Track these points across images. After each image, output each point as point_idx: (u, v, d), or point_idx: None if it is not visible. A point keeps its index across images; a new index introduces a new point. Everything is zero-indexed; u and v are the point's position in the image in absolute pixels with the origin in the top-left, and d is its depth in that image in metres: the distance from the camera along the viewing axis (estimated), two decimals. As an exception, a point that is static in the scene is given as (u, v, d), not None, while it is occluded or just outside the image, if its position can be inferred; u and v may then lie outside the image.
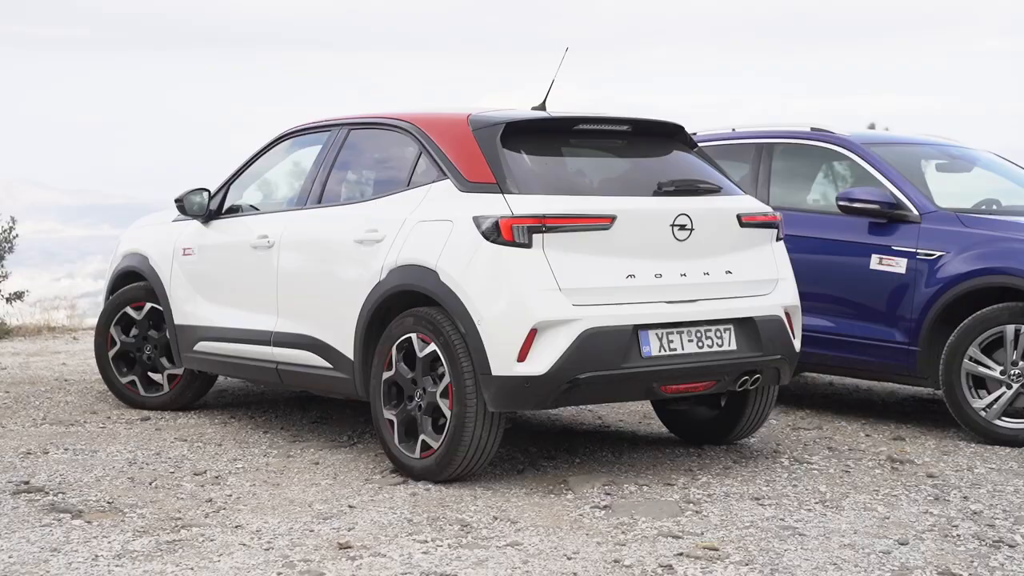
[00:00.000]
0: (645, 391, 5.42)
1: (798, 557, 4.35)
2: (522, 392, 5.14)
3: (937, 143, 7.77)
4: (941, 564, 4.27)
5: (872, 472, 5.70)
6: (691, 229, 5.46)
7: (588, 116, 5.72)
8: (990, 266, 6.35)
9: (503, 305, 5.14)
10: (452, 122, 5.69)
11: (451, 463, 5.31)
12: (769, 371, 5.69)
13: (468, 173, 5.43)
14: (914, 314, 6.61)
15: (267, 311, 6.30)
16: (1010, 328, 6.22)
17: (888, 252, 6.75)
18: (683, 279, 5.44)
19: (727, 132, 7.96)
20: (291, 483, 5.46)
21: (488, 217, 5.20)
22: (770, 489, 5.35)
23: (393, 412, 5.53)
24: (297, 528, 4.71)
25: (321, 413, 7.16)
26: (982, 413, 6.31)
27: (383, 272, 5.57)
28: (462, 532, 4.65)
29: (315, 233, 6.08)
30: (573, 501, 5.12)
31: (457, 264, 5.26)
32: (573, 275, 5.18)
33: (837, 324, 6.97)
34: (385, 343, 5.56)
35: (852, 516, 4.91)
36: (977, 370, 6.33)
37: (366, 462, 5.86)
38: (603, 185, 5.65)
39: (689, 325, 5.43)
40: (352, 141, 6.26)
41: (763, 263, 5.75)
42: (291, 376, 6.21)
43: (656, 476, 5.56)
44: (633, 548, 4.45)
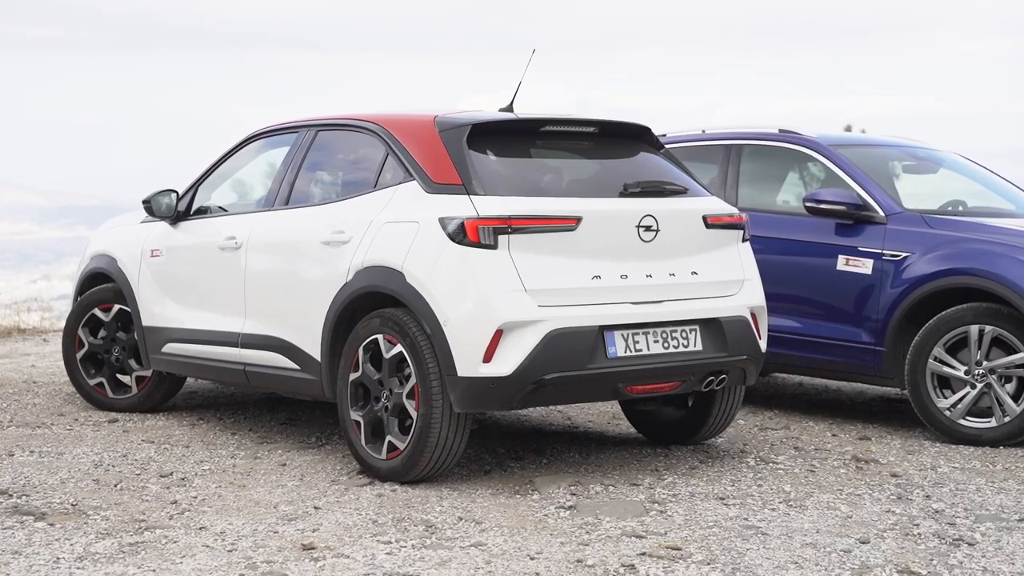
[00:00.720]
0: (611, 391, 5.44)
1: (760, 556, 4.38)
2: (488, 393, 5.15)
3: (904, 145, 7.83)
4: (901, 562, 4.31)
5: (837, 472, 5.74)
6: (657, 230, 5.48)
7: (554, 118, 5.74)
8: (955, 267, 6.40)
9: (469, 306, 5.15)
10: (419, 124, 5.70)
11: (417, 464, 5.31)
12: (735, 371, 5.72)
13: (434, 174, 5.44)
14: (880, 315, 6.65)
15: (235, 313, 6.29)
16: (974, 328, 6.27)
17: (854, 253, 6.80)
18: (649, 280, 5.47)
19: (697, 133, 8.00)
20: (257, 484, 5.46)
21: (454, 218, 5.21)
22: (735, 489, 5.37)
23: (360, 413, 5.54)
24: (261, 529, 4.70)
25: (290, 415, 7.15)
26: (947, 413, 6.36)
27: (350, 273, 5.57)
28: (426, 533, 4.66)
29: (282, 234, 6.08)
30: (539, 502, 5.13)
31: (423, 265, 5.27)
32: (539, 276, 5.20)
33: (804, 325, 7.02)
34: (352, 344, 5.56)
35: (815, 515, 4.95)
36: (942, 370, 6.38)
37: (333, 463, 5.86)
38: (569, 186, 5.67)
39: (655, 326, 5.45)
40: (320, 142, 6.26)
41: (729, 264, 5.78)
42: (259, 378, 6.21)
43: (622, 476, 5.58)
44: (596, 548, 4.47)
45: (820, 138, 7.32)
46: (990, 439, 6.24)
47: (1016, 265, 6.21)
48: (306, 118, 6.45)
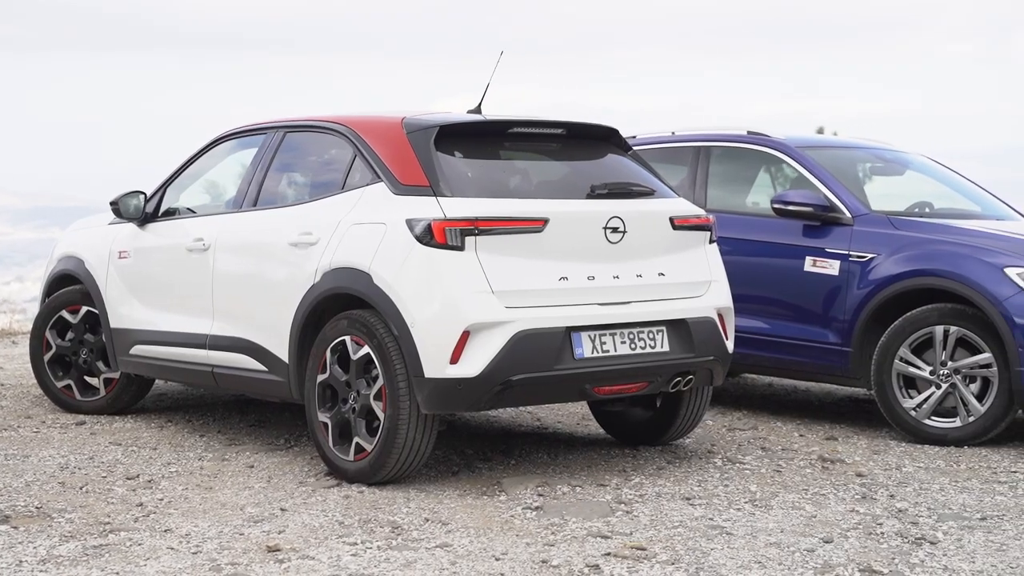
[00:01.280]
0: (578, 392, 5.46)
1: (724, 556, 4.40)
2: (455, 394, 5.16)
3: (871, 147, 7.88)
4: (863, 561, 4.34)
5: (803, 472, 5.77)
6: (624, 232, 5.50)
7: (522, 119, 5.75)
8: (920, 268, 6.45)
9: (436, 307, 5.16)
10: (386, 125, 5.70)
11: (385, 465, 5.32)
12: (702, 372, 5.74)
13: (402, 176, 5.45)
14: (847, 315, 6.70)
15: (203, 314, 6.27)
16: (939, 329, 6.32)
17: (821, 254, 6.84)
18: (616, 281, 5.48)
19: (667, 135, 8.03)
20: (224, 486, 5.44)
21: (421, 220, 5.22)
22: (701, 489, 5.40)
23: (327, 415, 5.54)
24: (227, 531, 4.70)
25: (259, 416, 7.14)
26: (912, 413, 6.41)
27: (317, 275, 5.57)
28: (392, 534, 4.66)
29: (250, 236, 6.07)
30: (505, 502, 5.14)
31: (390, 267, 5.27)
32: (506, 277, 5.21)
33: (772, 326, 7.06)
34: (319, 346, 5.56)
35: (780, 515, 4.98)
36: (907, 370, 6.43)
37: (301, 465, 5.85)
38: (536, 188, 5.68)
39: (622, 327, 5.47)
40: (288, 144, 6.26)
41: (696, 265, 5.81)
42: (227, 379, 6.19)
43: (590, 477, 5.60)
44: (562, 548, 4.48)
45: (788, 140, 7.36)
46: (955, 439, 6.29)
47: (980, 266, 6.27)
48: (274, 119, 6.44)
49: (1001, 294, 6.14)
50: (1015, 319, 6.07)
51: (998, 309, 6.12)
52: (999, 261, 6.24)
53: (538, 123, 5.78)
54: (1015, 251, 6.30)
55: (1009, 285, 6.14)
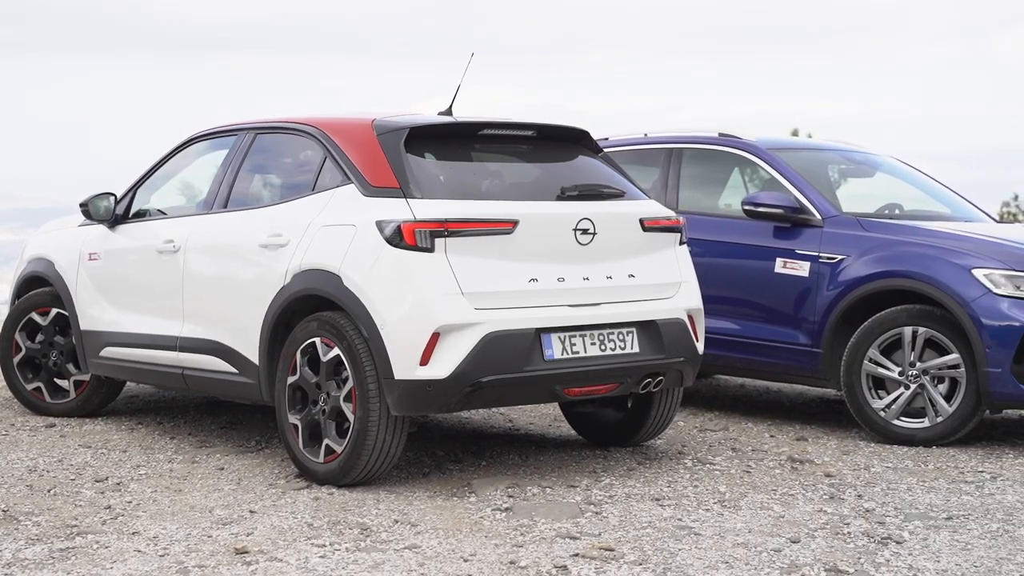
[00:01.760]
0: (548, 394, 5.47)
1: (691, 556, 4.42)
2: (424, 395, 5.16)
3: (842, 148, 7.93)
4: (829, 561, 4.37)
5: (772, 472, 5.80)
6: (594, 233, 5.52)
7: (492, 121, 5.76)
8: (889, 269, 6.49)
9: (405, 309, 5.16)
10: (357, 127, 5.70)
11: (355, 467, 5.31)
12: (672, 373, 5.76)
13: (372, 178, 5.45)
14: (817, 316, 6.73)
15: (173, 316, 6.25)
16: (908, 330, 6.36)
17: (792, 256, 6.88)
18: (586, 283, 5.50)
19: (639, 137, 8.05)
20: (194, 489, 5.43)
21: (391, 221, 5.22)
22: (671, 490, 5.42)
23: (297, 416, 5.53)
24: (195, 534, 4.68)
25: (231, 419, 7.12)
26: (881, 413, 6.45)
27: (287, 276, 5.56)
28: (361, 536, 4.66)
29: (220, 237, 6.06)
30: (475, 504, 5.15)
31: (360, 268, 5.27)
32: (475, 279, 5.22)
33: (743, 327, 7.09)
34: (289, 347, 5.55)
35: (748, 515, 5.00)
36: (877, 371, 6.47)
37: (272, 467, 5.84)
38: (507, 190, 5.69)
39: (592, 328, 5.48)
40: (259, 145, 6.25)
41: (666, 267, 5.83)
42: (197, 381, 6.17)
43: (560, 478, 5.61)
44: (530, 549, 4.49)
45: (759, 142, 7.40)
46: (923, 439, 6.34)
47: (949, 268, 6.31)
48: (245, 121, 6.43)
49: (968, 295, 6.18)
50: (982, 320, 6.12)
51: (965, 310, 6.17)
52: (967, 263, 6.29)
53: (508, 125, 5.79)
54: (982, 253, 6.35)
55: (976, 286, 6.19)
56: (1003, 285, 6.18)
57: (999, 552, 4.49)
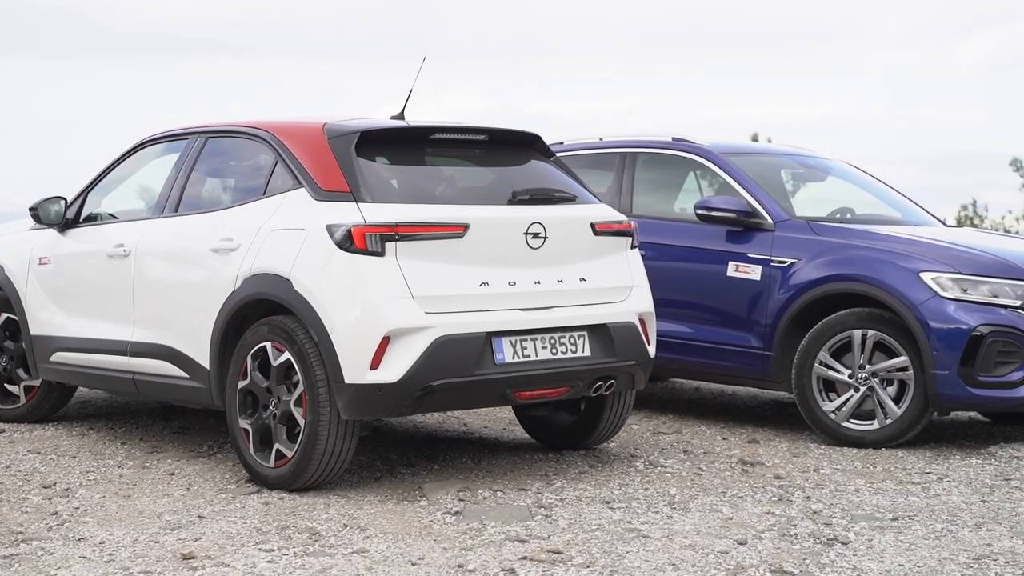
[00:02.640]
0: (499, 397, 5.48)
1: (639, 559, 4.44)
2: (375, 399, 5.16)
3: (794, 153, 8.00)
4: (775, 562, 4.40)
5: (723, 475, 5.83)
6: (545, 237, 5.54)
7: (444, 125, 5.77)
8: (839, 273, 6.55)
9: (356, 313, 5.16)
10: (308, 130, 5.69)
11: (305, 471, 5.30)
12: (623, 376, 5.79)
13: (323, 182, 5.44)
14: (768, 320, 6.78)
15: (123, 321, 6.22)
16: (857, 333, 6.42)
17: (744, 259, 6.93)
18: (537, 286, 5.51)
19: (594, 141, 8.09)
20: (143, 494, 5.40)
21: (341, 226, 5.22)
22: (621, 493, 5.44)
23: (248, 421, 5.51)
24: (142, 539, 4.66)
25: (184, 423, 7.08)
26: (831, 416, 6.51)
27: (238, 281, 5.54)
28: (310, 540, 4.65)
29: (171, 242, 6.03)
30: (426, 508, 5.15)
31: (310, 273, 5.26)
32: (426, 283, 5.22)
33: (697, 330, 7.13)
34: (240, 352, 5.54)
35: (697, 517, 5.03)
36: (827, 374, 6.53)
37: (223, 472, 5.82)
38: (458, 194, 5.70)
39: (543, 332, 5.50)
40: (210, 149, 6.22)
41: (617, 270, 5.85)
42: (148, 386, 6.14)
43: (512, 481, 5.62)
44: (478, 553, 4.50)
45: (712, 146, 7.45)
46: (872, 441, 6.40)
47: (897, 271, 6.38)
48: (196, 124, 6.40)
49: (916, 298, 6.25)
50: (930, 323, 6.19)
51: (913, 313, 6.24)
52: (915, 266, 6.36)
53: (460, 129, 5.80)
54: (930, 256, 6.41)
55: (924, 290, 6.26)
56: (950, 288, 6.25)
57: (942, 552, 4.54)
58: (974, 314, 6.19)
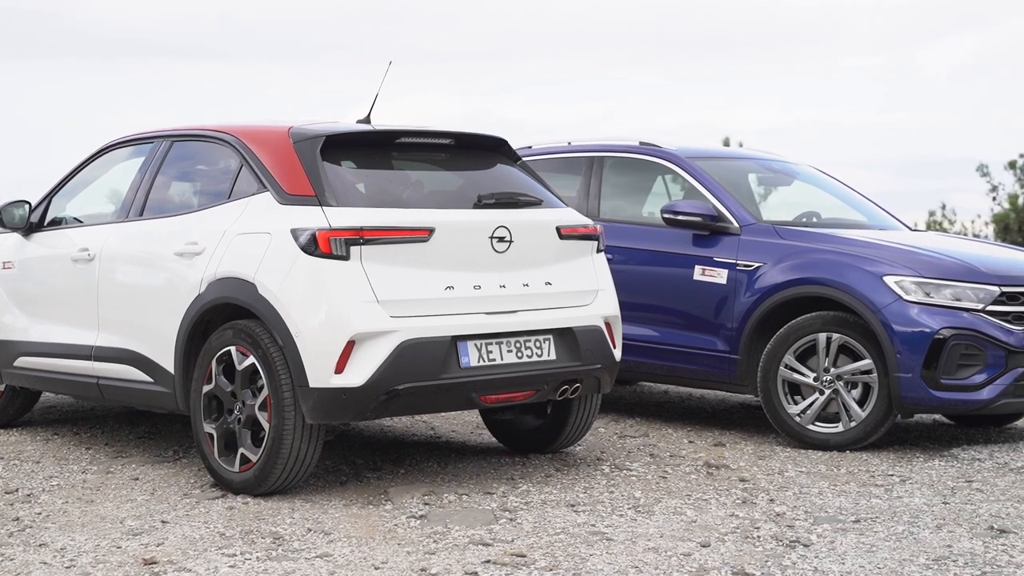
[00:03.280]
0: (465, 401, 5.48)
1: (602, 561, 4.45)
2: (340, 403, 5.15)
3: (760, 157, 8.04)
4: (737, 564, 4.42)
5: (688, 478, 5.86)
6: (510, 241, 5.55)
7: (410, 129, 5.77)
8: (803, 276, 6.59)
9: (321, 317, 5.15)
10: (273, 134, 5.68)
11: (270, 476, 5.29)
12: (589, 380, 5.80)
13: (288, 186, 5.43)
14: (734, 323, 6.82)
15: (88, 325, 6.18)
16: (822, 336, 6.46)
17: (710, 263, 6.96)
18: (502, 290, 5.52)
19: (562, 145, 8.11)
20: (106, 499, 5.37)
21: (306, 230, 5.21)
22: (587, 496, 5.46)
23: (213, 425, 5.49)
24: (104, 545, 4.63)
25: (149, 428, 7.05)
26: (796, 419, 6.55)
27: (202, 285, 5.52)
28: (273, 545, 4.64)
29: (136, 246, 6.01)
30: (390, 511, 5.15)
31: (275, 276, 5.25)
32: (391, 287, 5.22)
33: (664, 334, 7.15)
34: (205, 356, 5.52)
35: (661, 520, 5.05)
36: (792, 377, 6.56)
37: (188, 477, 5.80)
38: (423, 198, 5.70)
39: (508, 336, 5.51)
40: (175, 153, 6.20)
41: (583, 274, 5.87)
42: (112, 391, 6.11)
43: (477, 485, 5.63)
44: (442, 556, 4.50)
45: (678, 150, 7.48)
46: (837, 443, 6.44)
47: (861, 275, 6.42)
48: (162, 128, 6.38)
49: (880, 302, 6.30)
50: (893, 326, 6.24)
51: (877, 317, 6.28)
52: (879, 270, 6.40)
53: (426, 133, 5.80)
54: (894, 260, 6.46)
55: (888, 293, 6.30)
56: (913, 292, 6.30)
57: (903, 553, 4.58)
58: (937, 317, 6.24)
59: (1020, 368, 6.28)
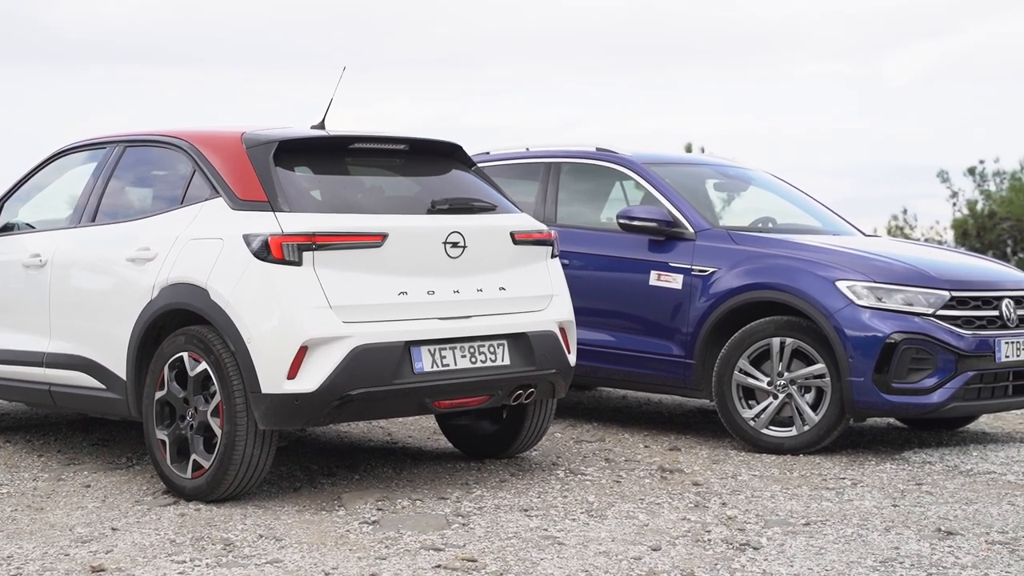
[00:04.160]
0: (418, 406, 5.49)
1: (552, 565, 4.47)
2: (292, 409, 5.15)
3: (716, 163, 8.10)
4: (687, 568, 4.45)
5: (642, 482, 5.88)
6: (464, 246, 5.56)
7: (364, 135, 5.77)
8: (757, 282, 6.63)
9: (273, 323, 5.14)
10: (226, 140, 5.66)
11: (222, 482, 5.27)
12: (544, 385, 5.82)
13: (240, 191, 5.42)
14: (690, 328, 6.85)
15: (40, 332, 6.14)
16: (776, 341, 6.51)
17: (665, 268, 7.00)
18: (456, 295, 5.53)
19: (520, 151, 8.13)
20: (56, 507, 5.33)
21: (258, 235, 5.20)
22: (540, 500, 5.47)
23: (165, 432, 5.47)
24: (52, 552, 4.60)
25: (103, 435, 7.00)
26: (751, 423, 6.59)
27: (155, 291, 5.50)
28: (224, 551, 4.62)
29: (88, 251, 5.97)
30: (343, 517, 5.14)
31: (227, 282, 5.24)
32: (344, 292, 5.22)
33: (620, 339, 7.18)
34: (157, 362, 5.49)
35: (613, 524, 5.07)
36: (746, 381, 6.61)
37: (140, 484, 5.76)
38: (377, 203, 5.70)
39: (462, 341, 5.52)
40: (128, 158, 6.17)
41: (537, 279, 5.89)
42: (64, 398, 6.07)
43: (432, 490, 5.63)
44: (393, 562, 4.50)
45: (634, 156, 7.51)
46: (791, 447, 6.48)
47: (814, 280, 6.47)
48: (115, 133, 6.35)
49: (832, 306, 6.35)
50: (845, 331, 6.29)
51: (830, 321, 6.33)
52: (831, 275, 6.46)
53: (380, 139, 5.81)
54: (846, 265, 6.52)
55: (840, 298, 6.36)
56: (865, 297, 6.36)
57: (851, 556, 4.62)
58: (888, 322, 6.30)
59: (970, 372, 6.36)
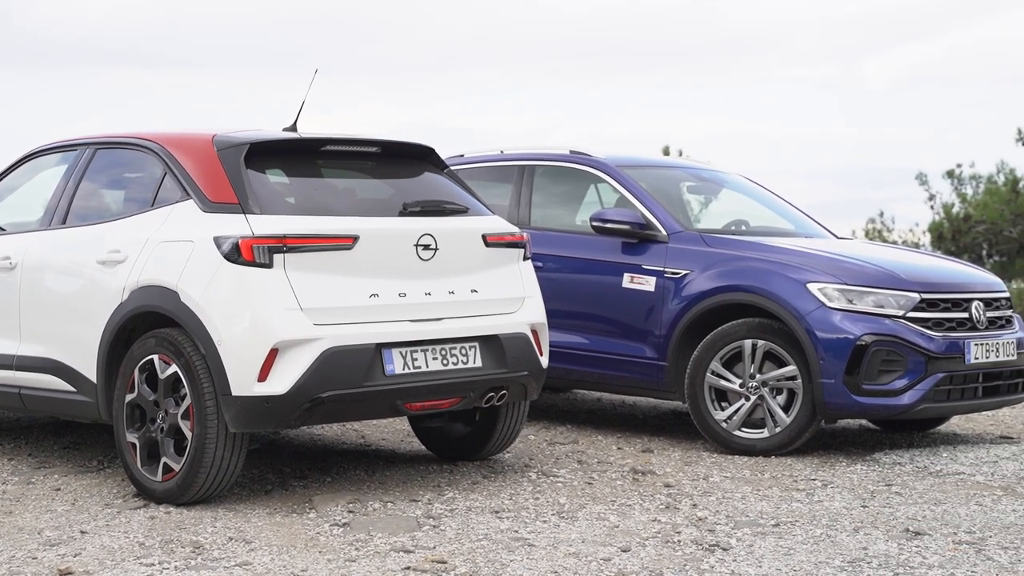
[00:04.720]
0: (389, 408, 5.48)
1: (522, 567, 4.47)
2: (263, 411, 5.14)
3: (689, 166, 8.13)
4: (656, 569, 4.46)
5: (614, 484, 5.89)
6: (435, 249, 5.56)
7: (336, 137, 5.77)
8: (729, 284, 6.66)
9: (243, 325, 5.13)
10: (197, 142, 5.65)
11: (193, 485, 5.25)
12: (516, 387, 5.82)
13: (211, 193, 5.41)
14: (662, 330, 6.87)
15: (9, 335, 6.11)
16: (748, 343, 6.54)
17: (639, 271, 7.02)
18: (428, 298, 5.53)
19: (494, 154, 8.14)
20: (25, 510, 5.31)
21: (228, 237, 5.19)
22: (512, 502, 5.47)
23: (135, 435, 5.45)
24: (19, 556, 4.58)
25: (75, 439, 6.97)
26: (723, 424, 6.61)
27: (125, 293, 5.48)
28: (193, 554, 4.61)
29: (58, 254, 5.95)
30: (314, 520, 5.13)
31: (198, 284, 5.22)
32: (315, 295, 5.21)
33: (594, 341, 7.20)
34: (127, 365, 5.48)
35: (584, 526, 5.08)
36: (719, 383, 6.63)
37: (111, 487, 5.74)
38: (349, 206, 5.69)
39: (433, 343, 5.52)
40: (98, 160, 6.15)
41: (509, 282, 5.89)
42: (34, 401, 6.04)
43: (404, 492, 5.62)
44: (363, 564, 4.49)
45: (608, 159, 7.53)
46: (763, 449, 6.51)
47: (786, 282, 6.50)
48: (85, 136, 6.33)
49: (804, 309, 6.38)
50: (816, 333, 6.32)
51: (801, 323, 6.37)
52: (802, 277, 6.49)
53: (352, 141, 5.81)
54: (818, 267, 6.55)
55: (811, 300, 6.39)
56: (836, 299, 6.39)
57: (819, 556, 4.64)
58: (859, 324, 6.34)
59: (940, 373, 6.40)
